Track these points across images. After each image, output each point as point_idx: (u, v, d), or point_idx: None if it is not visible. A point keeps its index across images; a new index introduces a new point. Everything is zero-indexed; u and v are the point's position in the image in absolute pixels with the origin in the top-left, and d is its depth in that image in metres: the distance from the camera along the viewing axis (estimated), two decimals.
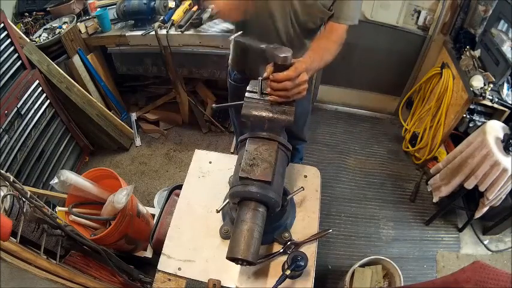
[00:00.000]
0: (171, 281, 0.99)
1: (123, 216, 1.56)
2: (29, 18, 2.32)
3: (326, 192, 2.31)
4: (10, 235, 0.90)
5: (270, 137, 0.94)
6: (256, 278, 0.99)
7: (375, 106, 2.93)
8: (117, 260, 1.38)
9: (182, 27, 2.10)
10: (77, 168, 2.46)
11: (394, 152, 2.67)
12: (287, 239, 1.04)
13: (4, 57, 1.85)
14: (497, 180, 1.70)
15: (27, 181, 2.01)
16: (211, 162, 1.27)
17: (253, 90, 0.97)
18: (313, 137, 2.66)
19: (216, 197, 1.15)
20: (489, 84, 1.89)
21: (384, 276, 1.72)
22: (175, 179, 2.46)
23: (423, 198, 2.37)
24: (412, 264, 2.04)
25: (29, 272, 0.95)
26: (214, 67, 2.27)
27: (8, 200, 1.01)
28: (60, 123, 2.29)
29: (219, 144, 2.69)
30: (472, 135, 1.83)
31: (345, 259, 2.03)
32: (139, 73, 2.46)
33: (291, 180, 1.21)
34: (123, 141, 2.60)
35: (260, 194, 0.87)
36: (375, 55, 2.56)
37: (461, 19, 2.22)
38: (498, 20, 1.92)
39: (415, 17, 2.35)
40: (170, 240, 1.07)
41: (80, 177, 1.58)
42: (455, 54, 2.19)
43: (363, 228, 2.20)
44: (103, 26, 2.27)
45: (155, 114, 2.81)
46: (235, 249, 0.84)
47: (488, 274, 0.81)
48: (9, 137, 1.88)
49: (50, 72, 2.11)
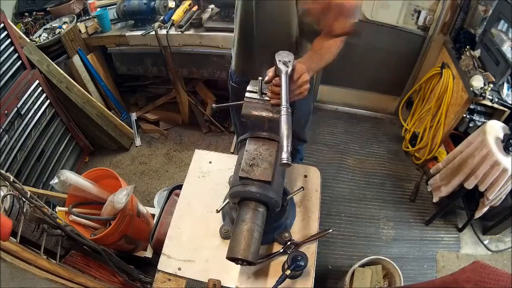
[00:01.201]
0: (171, 281, 0.99)
1: (123, 216, 1.56)
2: (29, 18, 2.33)
3: (326, 192, 2.31)
4: (10, 235, 0.90)
5: (270, 137, 0.94)
6: (256, 278, 0.99)
7: (375, 106, 2.93)
8: (117, 260, 1.38)
9: (182, 27, 2.10)
10: (77, 168, 2.46)
11: (394, 152, 2.67)
12: (287, 239, 1.04)
13: (4, 57, 1.86)
14: (497, 180, 1.70)
15: (27, 181, 2.01)
16: (211, 162, 1.27)
17: (253, 90, 0.97)
18: (313, 137, 2.66)
19: (216, 197, 1.15)
20: (489, 84, 1.89)
21: (384, 276, 1.72)
22: (175, 179, 2.46)
23: (423, 198, 2.37)
24: (412, 264, 2.04)
25: (29, 272, 0.95)
26: (214, 67, 2.27)
27: (8, 200, 1.01)
28: (60, 123, 2.29)
29: (219, 144, 2.69)
30: (472, 135, 1.83)
31: (345, 259, 2.03)
32: (139, 73, 2.47)
33: (291, 180, 1.21)
34: (123, 141, 2.60)
35: (260, 194, 0.87)
36: (374, 55, 2.56)
37: (461, 19, 2.22)
38: (498, 20, 1.92)
39: (415, 17, 2.35)
40: (170, 240, 1.07)
41: (80, 177, 1.58)
42: (455, 54, 2.19)
43: (363, 228, 2.20)
44: (103, 26, 2.27)
45: (155, 114, 2.81)
46: (235, 249, 0.84)
47: (488, 274, 0.81)
48: (9, 137, 1.88)
49: (50, 72, 2.12)
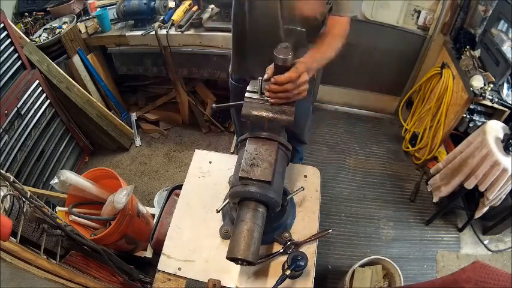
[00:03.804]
0: (171, 281, 0.99)
1: (123, 216, 1.56)
2: (29, 18, 2.33)
3: (326, 192, 2.31)
4: (10, 235, 0.90)
5: (270, 137, 0.94)
6: (256, 278, 0.99)
7: (375, 106, 2.93)
8: (117, 260, 1.38)
9: (182, 27, 2.10)
10: (77, 168, 2.46)
11: (394, 152, 2.67)
12: (287, 239, 1.04)
13: (4, 57, 1.85)
14: (497, 180, 1.70)
15: (27, 181, 2.01)
16: (211, 162, 1.27)
17: (253, 90, 0.97)
18: (313, 137, 2.66)
19: (216, 197, 1.15)
20: (489, 84, 1.89)
21: (384, 276, 1.72)
22: (175, 179, 2.46)
23: (423, 198, 2.37)
24: (412, 264, 2.04)
25: (29, 272, 0.95)
26: (214, 67, 2.26)
27: (8, 200, 1.01)
28: (60, 123, 2.29)
29: (219, 144, 2.69)
30: (472, 135, 1.83)
31: (345, 259, 2.03)
32: (139, 73, 2.46)
33: (291, 180, 1.21)
34: (123, 141, 2.60)
35: (260, 194, 0.87)
36: (375, 55, 2.56)
37: (461, 19, 2.22)
38: (498, 20, 1.92)
39: (415, 17, 2.35)
40: (170, 240, 1.07)
41: (80, 177, 1.58)
42: (455, 54, 2.19)
43: (363, 228, 2.20)
44: (103, 26, 2.27)
45: (155, 114, 2.81)
46: (235, 249, 0.84)
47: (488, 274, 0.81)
48: (9, 137, 1.88)
49: (50, 72, 2.12)
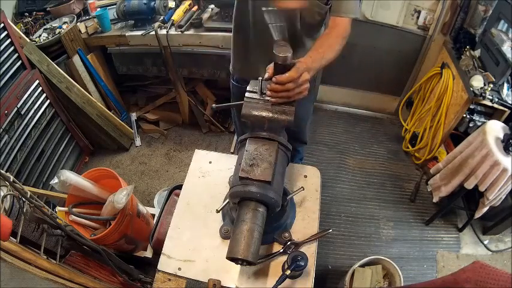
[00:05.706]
0: (171, 281, 0.99)
1: (123, 216, 1.56)
2: (29, 18, 2.32)
3: (326, 192, 2.31)
4: (10, 235, 0.90)
5: (270, 137, 0.94)
6: (256, 278, 0.99)
7: (375, 106, 2.93)
8: (117, 260, 1.38)
9: (182, 27, 2.10)
10: (77, 168, 2.46)
11: (394, 152, 2.67)
12: (287, 239, 1.04)
13: (4, 57, 1.85)
14: (497, 180, 1.70)
15: (27, 181, 2.00)
16: (211, 162, 1.27)
17: (253, 90, 0.97)
18: (313, 137, 2.66)
19: (216, 197, 1.15)
20: (489, 84, 1.89)
21: (384, 276, 1.72)
22: (175, 179, 2.46)
23: (423, 198, 2.37)
24: (412, 264, 2.04)
25: (29, 272, 0.95)
26: (214, 67, 2.26)
27: (8, 200, 1.01)
28: (60, 123, 2.29)
29: (219, 144, 2.69)
30: (472, 135, 1.83)
31: (345, 259, 2.03)
32: (139, 73, 2.46)
33: (291, 180, 1.21)
34: (123, 141, 2.60)
35: (260, 194, 0.87)
36: (374, 55, 2.56)
37: (461, 19, 2.22)
38: (498, 20, 1.92)
39: (415, 17, 2.35)
40: (170, 240, 1.07)
41: (80, 177, 1.58)
42: (455, 54, 2.19)
43: (363, 228, 2.20)
44: (103, 26, 2.27)
45: (155, 114, 2.81)
46: (235, 249, 0.84)
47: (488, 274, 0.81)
48: (9, 137, 1.88)
49: (50, 72, 2.11)
